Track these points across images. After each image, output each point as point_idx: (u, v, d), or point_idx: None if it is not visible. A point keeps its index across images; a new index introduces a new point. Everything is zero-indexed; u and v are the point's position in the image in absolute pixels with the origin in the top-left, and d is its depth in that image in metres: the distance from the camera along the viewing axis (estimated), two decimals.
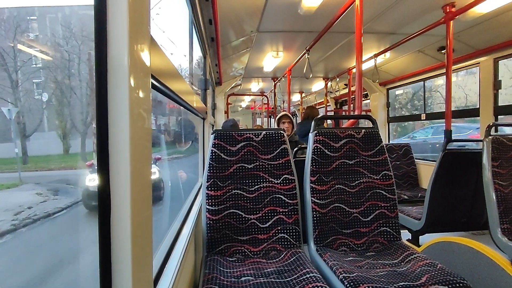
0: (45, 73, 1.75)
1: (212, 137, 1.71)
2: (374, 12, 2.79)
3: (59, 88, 2.41)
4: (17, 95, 1.54)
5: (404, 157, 4.20)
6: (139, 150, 0.64)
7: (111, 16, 0.58)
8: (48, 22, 1.72)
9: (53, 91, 1.76)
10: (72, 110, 3.51)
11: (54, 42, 1.55)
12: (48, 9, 1.77)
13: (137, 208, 0.61)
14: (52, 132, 1.98)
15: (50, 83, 1.75)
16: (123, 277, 0.58)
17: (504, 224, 1.76)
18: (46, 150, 2.62)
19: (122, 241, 0.57)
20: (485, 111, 3.13)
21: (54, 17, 2.83)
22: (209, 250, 1.60)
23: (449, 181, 2.37)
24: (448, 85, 2.60)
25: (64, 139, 3.47)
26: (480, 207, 2.11)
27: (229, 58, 4.43)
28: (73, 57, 3.42)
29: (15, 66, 1.47)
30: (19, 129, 1.70)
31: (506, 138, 1.92)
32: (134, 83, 0.60)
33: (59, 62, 3.18)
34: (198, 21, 2.44)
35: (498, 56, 3.02)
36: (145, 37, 0.70)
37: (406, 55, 4.04)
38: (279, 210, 1.68)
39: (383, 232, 1.73)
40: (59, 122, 3.16)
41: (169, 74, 1.03)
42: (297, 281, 1.27)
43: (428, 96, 6.51)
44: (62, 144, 3.40)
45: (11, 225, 2.25)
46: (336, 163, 1.78)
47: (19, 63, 1.51)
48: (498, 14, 2.61)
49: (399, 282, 1.25)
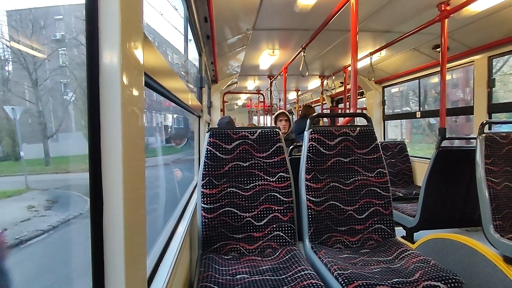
0: (71, 73, 1.70)
1: (207, 135, 1.70)
2: (370, 10, 2.80)
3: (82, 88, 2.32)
4: (37, 94, 1.50)
5: (399, 154, 4.23)
6: (132, 149, 0.63)
7: (103, 14, 0.57)
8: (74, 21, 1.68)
9: (77, 90, 1.69)
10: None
11: (78, 41, 1.51)
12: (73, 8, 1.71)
13: (130, 207, 0.60)
14: (79, 132, 1.89)
15: (75, 83, 1.69)
16: (116, 277, 0.57)
17: (497, 221, 1.78)
18: (73, 151, 2.32)
19: (115, 241, 0.57)
20: (479, 109, 3.16)
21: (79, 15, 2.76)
22: (205, 248, 1.60)
23: (443, 178, 2.39)
24: (443, 83, 2.62)
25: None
26: (473, 204, 2.13)
27: (225, 56, 4.42)
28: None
29: (35, 65, 1.44)
30: (40, 129, 1.63)
31: (499, 135, 1.94)
32: (126, 81, 0.60)
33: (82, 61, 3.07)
34: (193, 19, 2.43)
35: (492, 55, 3.04)
36: (138, 34, 0.69)
37: (401, 53, 4.06)
38: (274, 208, 1.69)
39: (378, 229, 1.75)
40: (84, 122, 3.10)
41: (163, 72, 1.02)
42: (292, 278, 1.27)
43: (433, 94, 6.54)
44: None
45: None
46: (331, 161, 1.79)
47: (42, 61, 1.47)
48: (492, 12, 2.63)
49: (393, 278, 1.26)
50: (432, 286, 1.23)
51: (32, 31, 1.55)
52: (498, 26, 2.78)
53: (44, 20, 1.65)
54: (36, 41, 1.60)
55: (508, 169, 1.90)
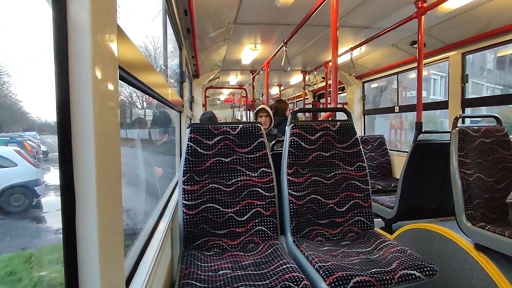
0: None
1: (188, 131, 1.68)
2: (350, 6, 2.83)
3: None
4: None
5: (378, 148, 4.33)
6: (106, 146, 0.61)
7: (72, 2, 0.54)
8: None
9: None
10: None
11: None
12: None
13: (105, 206, 0.58)
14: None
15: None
16: (90, 279, 0.55)
17: (469, 210, 1.86)
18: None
19: (89, 242, 0.55)
20: (453, 104, 3.28)
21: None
22: (186, 245, 1.58)
23: (420, 171, 2.48)
24: (419, 79, 2.70)
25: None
26: (447, 194, 2.22)
27: (207, 50, 4.35)
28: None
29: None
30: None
31: (471, 129, 2.02)
32: (99, 75, 0.57)
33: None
34: (172, 12, 2.37)
35: (465, 51, 3.16)
36: (111, 26, 0.66)
37: (380, 49, 4.14)
38: (256, 203, 1.69)
39: (357, 221, 1.79)
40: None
41: (140, 66, 0.99)
42: (274, 272, 1.29)
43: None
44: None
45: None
46: (312, 155, 1.81)
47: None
48: (466, 10, 2.72)
49: (372, 268, 1.30)
50: (408, 274, 1.28)
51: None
52: (471, 24, 2.88)
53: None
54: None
55: (480, 161, 1.99)
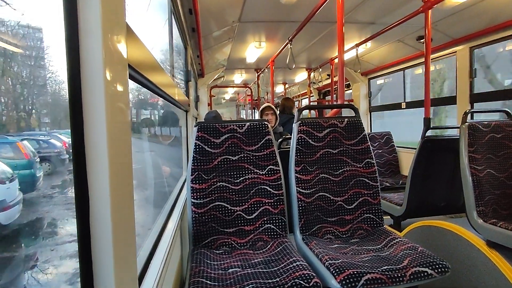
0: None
1: (195, 129, 1.68)
2: (355, 1, 2.80)
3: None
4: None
5: (385, 145, 4.30)
6: (118, 145, 0.62)
7: (82, 4, 0.54)
8: None
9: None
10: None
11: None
12: None
13: (118, 205, 0.59)
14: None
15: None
16: (105, 277, 0.56)
17: (480, 207, 1.84)
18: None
19: (103, 241, 0.56)
20: (461, 99, 3.23)
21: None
22: (196, 244, 1.59)
23: (428, 167, 2.45)
24: (427, 74, 2.66)
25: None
26: (457, 191, 2.19)
27: (211, 49, 4.35)
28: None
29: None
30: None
31: (481, 124, 1.99)
32: (110, 75, 0.58)
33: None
34: (177, 11, 2.37)
35: (473, 45, 3.11)
36: (121, 26, 0.66)
37: (386, 45, 4.09)
38: (264, 201, 1.69)
39: (367, 218, 1.78)
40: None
41: (149, 65, 0.99)
42: (284, 270, 1.28)
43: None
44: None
45: None
46: (320, 153, 1.80)
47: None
48: (473, 3, 2.67)
49: (383, 266, 1.29)
50: (420, 272, 1.26)
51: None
52: (479, 17, 2.84)
53: None
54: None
55: (490, 157, 1.96)
